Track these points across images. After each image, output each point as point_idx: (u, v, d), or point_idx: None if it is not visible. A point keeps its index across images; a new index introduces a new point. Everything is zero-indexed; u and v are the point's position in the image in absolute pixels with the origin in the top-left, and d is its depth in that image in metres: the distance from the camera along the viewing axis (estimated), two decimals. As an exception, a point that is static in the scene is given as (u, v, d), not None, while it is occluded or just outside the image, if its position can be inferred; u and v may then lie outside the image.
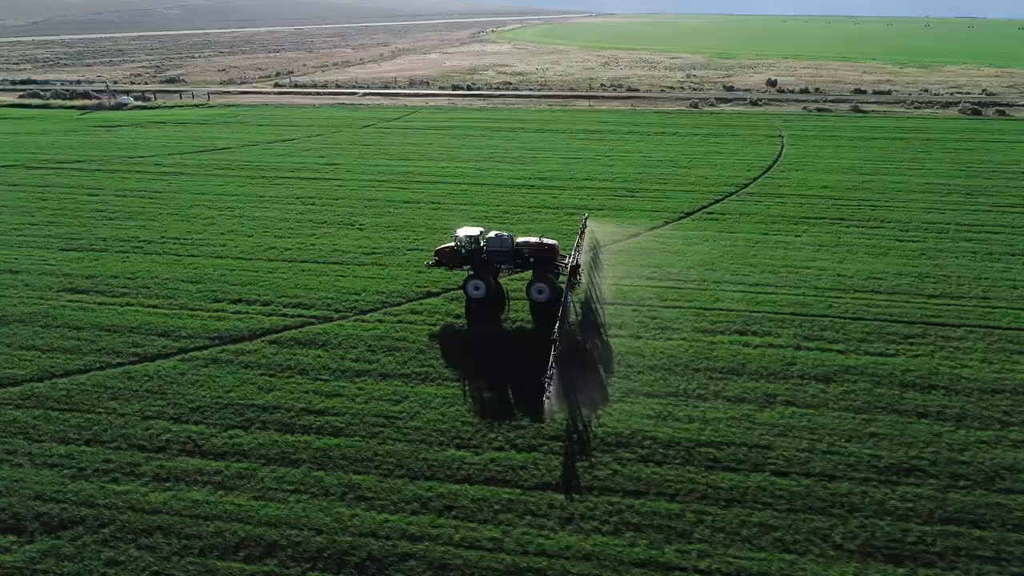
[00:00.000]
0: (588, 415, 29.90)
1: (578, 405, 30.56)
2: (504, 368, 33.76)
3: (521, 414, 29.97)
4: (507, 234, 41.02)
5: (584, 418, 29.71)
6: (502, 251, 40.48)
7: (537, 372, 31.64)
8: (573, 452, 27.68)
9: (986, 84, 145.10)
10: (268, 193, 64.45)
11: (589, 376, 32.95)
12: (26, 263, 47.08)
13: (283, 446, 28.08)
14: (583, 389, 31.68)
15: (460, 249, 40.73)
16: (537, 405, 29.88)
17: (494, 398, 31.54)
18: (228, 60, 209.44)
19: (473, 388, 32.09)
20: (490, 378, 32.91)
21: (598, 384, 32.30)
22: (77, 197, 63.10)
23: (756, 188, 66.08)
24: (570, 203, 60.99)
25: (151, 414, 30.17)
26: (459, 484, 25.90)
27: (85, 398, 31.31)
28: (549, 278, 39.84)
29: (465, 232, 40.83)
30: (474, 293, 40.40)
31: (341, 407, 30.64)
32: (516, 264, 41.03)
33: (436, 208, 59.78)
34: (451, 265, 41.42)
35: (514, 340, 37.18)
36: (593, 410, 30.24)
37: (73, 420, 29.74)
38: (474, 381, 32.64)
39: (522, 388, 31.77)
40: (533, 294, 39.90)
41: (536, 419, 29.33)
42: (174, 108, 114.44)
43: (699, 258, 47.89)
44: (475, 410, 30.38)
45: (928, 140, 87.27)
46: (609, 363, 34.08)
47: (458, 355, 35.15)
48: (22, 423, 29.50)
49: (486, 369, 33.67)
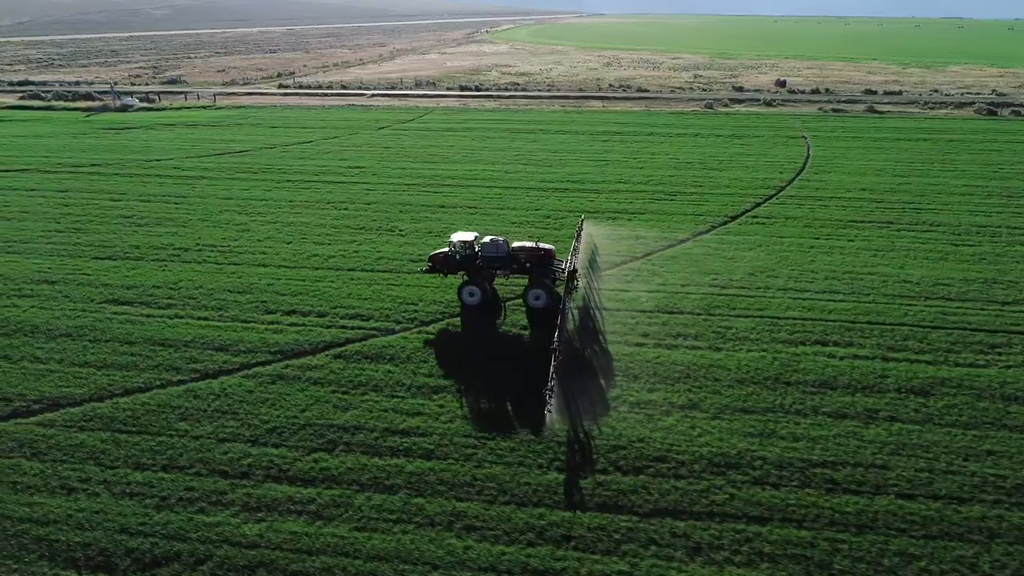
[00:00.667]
0: (686, 432, 28.49)
1: (670, 421, 29.15)
2: (594, 385, 32.31)
3: (620, 434, 28.52)
4: (502, 239, 40.25)
5: (683, 435, 28.29)
6: (498, 256, 39.61)
7: (623, 388, 30.26)
8: (680, 474, 26.27)
9: (993, 84, 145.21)
10: (296, 197, 62.71)
11: (674, 390, 31.56)
12: (60, 273, 45.16)
13: (374, 471, 26.52)
14: (671, 404, 30.30)
15: (455, 255, 39.74)
16: (540, 418, 28.83)
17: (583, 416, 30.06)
18: (226, 61, 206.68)
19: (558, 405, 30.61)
20: (576, 395, 31.43)
21: (687, 398, 30.92)
22: (100, 202, 61.10)
23: (793, 191, 65.01)
24: (609, 207, 59.69)
25: (226, 436, 28.51)
26: (571, 511, 24.43)
27: (153, 419, 29.59)
28: (546, 284, 39.09)
29: (460, 237, 39.90)
30: (469, 300, 39.24)
31: (426, 427, 29.10)
32: (512, 270, 40.02)
33: (473, 212, 58.26)
34: (446, 271, 40.38)
35: (599, 354, 35.73)
36: (691, 427, 28.85)
37: (144, 444, 28.03)
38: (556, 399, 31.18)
39: (621, 405, 30.34)
40: (530, 300, 38.97)
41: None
42: (181, 110, 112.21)
43: (756, 264, 46.67)
44: (565, 428, 28.90)
45: (952, 141, 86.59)
46: (695, 376, 32.70)
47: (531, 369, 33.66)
48: (90, 448, 27.76)
49: (572, 387, 32.19)
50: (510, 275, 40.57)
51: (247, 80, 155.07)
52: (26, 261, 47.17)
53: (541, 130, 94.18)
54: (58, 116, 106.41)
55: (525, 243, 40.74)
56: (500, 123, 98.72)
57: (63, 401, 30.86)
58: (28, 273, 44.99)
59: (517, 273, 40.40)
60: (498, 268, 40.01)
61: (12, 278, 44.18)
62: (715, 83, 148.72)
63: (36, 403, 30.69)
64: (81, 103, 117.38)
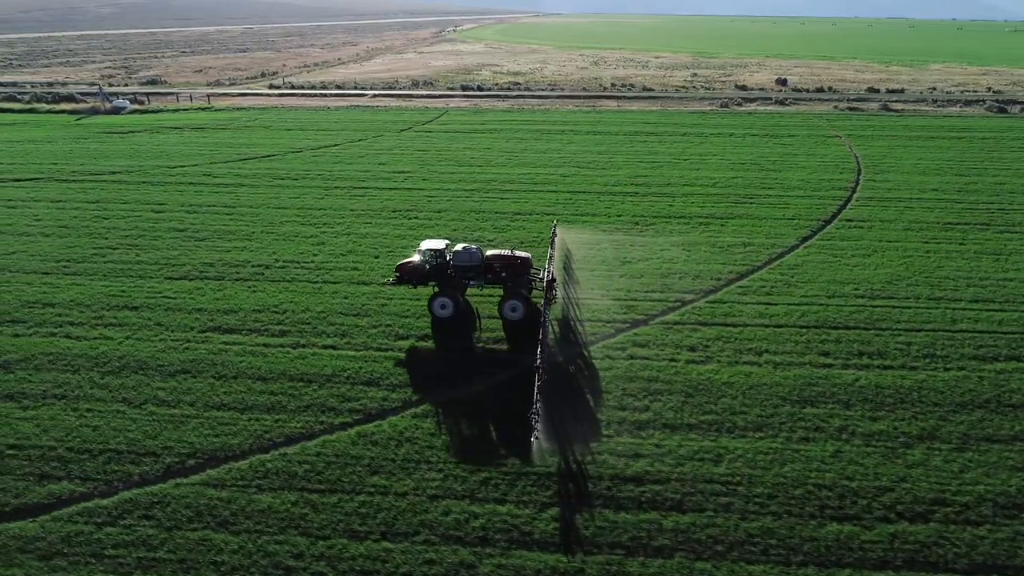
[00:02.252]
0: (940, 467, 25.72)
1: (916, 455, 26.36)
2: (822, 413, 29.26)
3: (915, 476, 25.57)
4: (475, 247, 37.83)
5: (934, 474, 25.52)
6: (471, 266, 37.22)
7: (848, 420, 27.32)
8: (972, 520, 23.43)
9: (984, 83, 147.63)
10: (354, 205, 58.37)
11: (900, 418, 28.77)
12: (139, 296, 40.20)
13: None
14: (907, 435, 27.52)
15: (424, 264, 37.08)
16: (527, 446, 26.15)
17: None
18: (199, 60, 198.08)
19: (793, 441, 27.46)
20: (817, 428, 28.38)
21: (919, 427, 28.16)
22: (141, 214, 55.74)
23: (864, 192, 63.18)
24: (693, 211, 56.95)
25: (435, 492, 24.63)
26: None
27: (339, 474, 25.48)
28: (523, 294, 36.93)
29: (430, 245, 37.42)
30: (440, 312, 36.69)
31: (659, 473, 25.61)
32: (487, 280, 37.59)
33: (557, 218, 54.73)
34: (415, 282, 37.58)
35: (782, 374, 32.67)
36: (945, 461, 26.08)
37: (345, 505, 23.96)
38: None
39: (853, 438, 27.41)
40: (506, 312, 36.70)
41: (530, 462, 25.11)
42: (177, 112, 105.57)
43: (886, 271, 44.45)
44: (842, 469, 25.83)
45: (986, 139, 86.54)
46: (910, 400, 29.97)
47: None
48: (284, 514, 23.54)
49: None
50: (484, 285, 37.93)
51: (233, 80, 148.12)
52: (94, 284, 42.02)
53: (571, 131, 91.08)
54: (46, 119, 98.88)
55: (501, 251, 38.21)
56: (524, 124, 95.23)
57: (221, 454, 26.45)
58: (101, 298, 39.95)
59: (492, 283, 37.74)
60: (471, 278, 37.56)
61: (87, 304, 39.10)
62: (715, 82, 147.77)
63: (190, 457, 26.25)
64: (66, 105, 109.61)
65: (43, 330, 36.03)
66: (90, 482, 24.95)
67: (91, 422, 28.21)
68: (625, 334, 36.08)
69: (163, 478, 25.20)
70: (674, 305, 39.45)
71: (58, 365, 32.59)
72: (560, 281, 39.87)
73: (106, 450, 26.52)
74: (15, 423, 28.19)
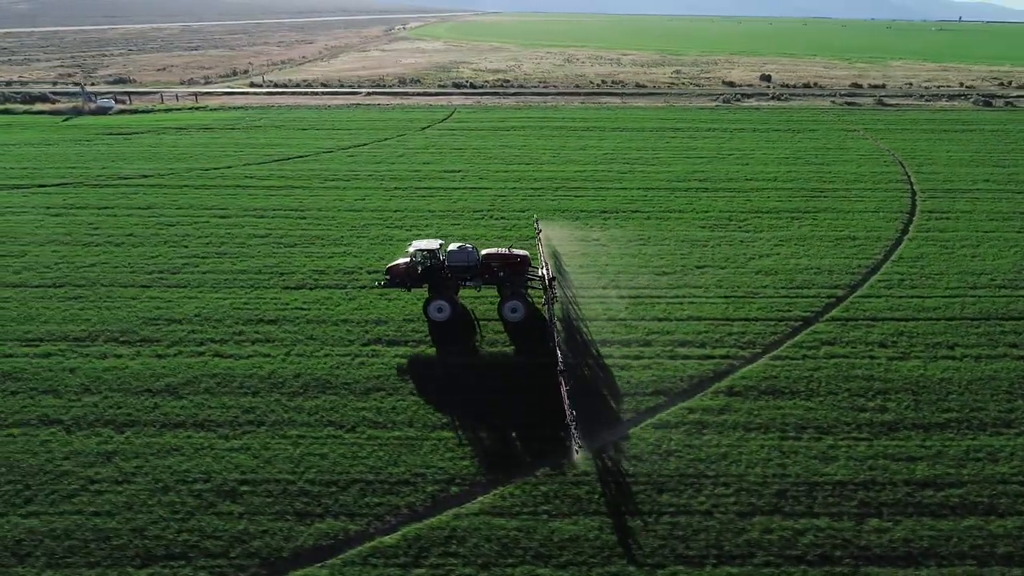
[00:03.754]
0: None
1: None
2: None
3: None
4: (471, 246, 36.06)
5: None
6: (468, 266, 35.38)
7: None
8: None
9: (950, 78, 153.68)
10: (429, 206, 55.87)
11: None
12: (268, 309, 37.00)
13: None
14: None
15: (417, 266, 35.11)
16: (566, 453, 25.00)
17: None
18: (156, 59, 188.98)
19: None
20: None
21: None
22: (207, 219, 51.92)
23: (921, 184, 64.12)
24: (776, 207, 56.61)
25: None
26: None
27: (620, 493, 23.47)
28: (523, 294, 35.35)
29: (422, 245, 35.23)
30: (438, 316, 34.79)
31: (947, 476, 24.63)
32: (484, 280, 35.87)
33: (647, 218, 53.57)
34: (409, 285, 35.50)
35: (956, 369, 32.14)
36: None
37: (658, 529, 21.99)
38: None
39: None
40: (507, 313, 34.96)
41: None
42: (170, 112, 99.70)
43: (1007, 261, 44.95)
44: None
45: (996, 132, 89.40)
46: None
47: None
48: (596, 541, 21.44)
49: None
50: (481, 286, 36.16)
51: (207, 79, 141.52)
52: (206, 295, 38.55)
53: (595, 127, 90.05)
54: (31, 121, 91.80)
55: (499, 250, 36.55)
56: (542, 121, 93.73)
57: (481, 479, 24.11)
58: (226, 311, 36.59)
59: (488, 283, 36.00)
60: (468, 279, 35.61)
61: (217, 318, 35.74)
62: (700, 79, 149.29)
63: (450, 484, 23.81)
64: (42, 105, 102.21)
65: (186, 349, 32.64)
66: (357, 518, 22.33)
67: (313, 450, 25.42)
68: (804, 332, 35.07)
69: (435, 509, 22.74)
70: (830, 301, 38.67)
71: (231, 387, 29.45)
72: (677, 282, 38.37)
73: (353, 480, 23.88)
74: (227, 455, 25.15)
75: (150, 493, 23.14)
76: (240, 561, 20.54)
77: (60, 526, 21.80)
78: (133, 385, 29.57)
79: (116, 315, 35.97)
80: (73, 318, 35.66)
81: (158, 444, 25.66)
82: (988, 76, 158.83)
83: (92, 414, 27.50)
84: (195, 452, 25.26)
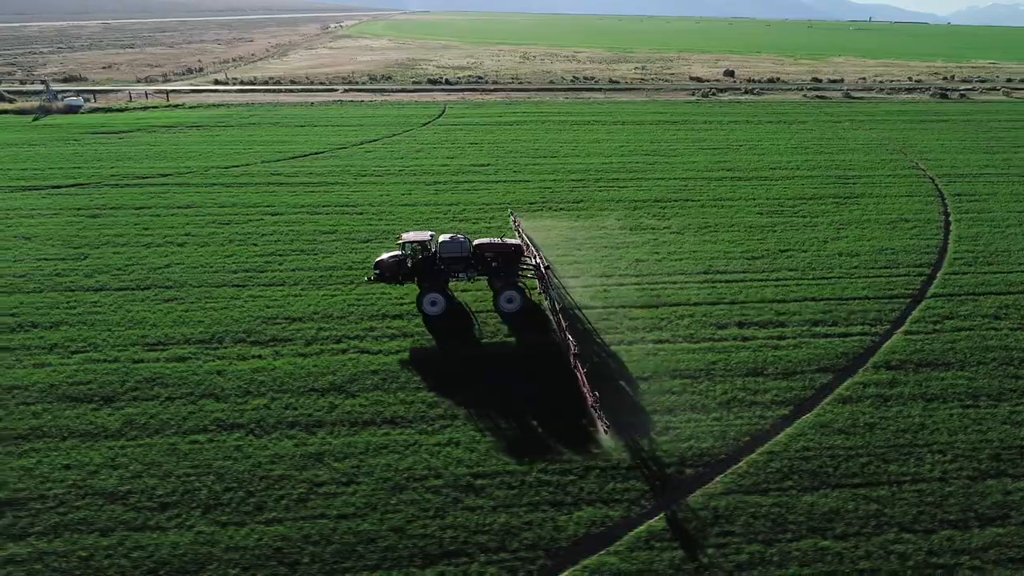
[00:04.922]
0: None
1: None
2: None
3: None
4: (463, 236, 35.68)
5: None
6: (461, 257, 34.69)
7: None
8: None
9: (896, 73, 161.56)
10: (482, 200, 55.13)
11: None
12: (387, 306, 35.70)
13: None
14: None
15: (408, 259, 34.48)
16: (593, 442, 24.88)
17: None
18: (95, 57, 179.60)
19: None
20: None
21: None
22: (262, 218, 49.86)
23: (934, 171, 67.04)
24: (815, 194, 58.45)
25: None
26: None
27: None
28: (519, 285, 34.95)
29: (413, 237, 34.62)
30: (431, 310, 33.81)
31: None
32: (477, 271, 35.34)
33: (701, 207, 54.36)
34: (401, 279, 34.56)
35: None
36: None
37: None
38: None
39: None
40: (503, 305, 34.35)
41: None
42: (147, 110, 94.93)
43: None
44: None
45: (968, 122, 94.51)
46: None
47: None
48: (856, 511, 21.69)
49: None
50: (474, 278, 35.69)
51: (166, 76, 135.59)
52: (310, 293, 36.92)
53: (598, 121, 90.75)
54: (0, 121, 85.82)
55: (492, 239, 36.23)
56: (541, 116, 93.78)
57: (706, 459, 23.99)
58: (343, 308, 35.20)
59: (482, 275, 35.56)
60: (461, 270, 34.89)
61: (338, 316, 34.33)
62: (665, 74, 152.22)
63: (683, 467, 23.57)
64: (3, 105, 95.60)
65: (327, 347, 31.24)
66: (613, 504, 21.86)
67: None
68: (918, 309, 36.28)
69: (685, 491, 22.51)
70: (925, 279, 40.11)
71: (399, 383, 28.37)
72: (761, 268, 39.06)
73: (587, 468, 23.34)
74: (440, 450, 24.18)
75: (388, 492, 22.04)
76: (523, 554, 19.81)
77: (313, 531, 20.52)
78: (294, 386, 28.10)
79: (228, 316, 34.08)
80: (182, 320, 33.60)
81: (362, 443, 24.47)
82: (927, 71, 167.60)
83: (269, 417, 25.98)
84: (405, 449, 24.19)
